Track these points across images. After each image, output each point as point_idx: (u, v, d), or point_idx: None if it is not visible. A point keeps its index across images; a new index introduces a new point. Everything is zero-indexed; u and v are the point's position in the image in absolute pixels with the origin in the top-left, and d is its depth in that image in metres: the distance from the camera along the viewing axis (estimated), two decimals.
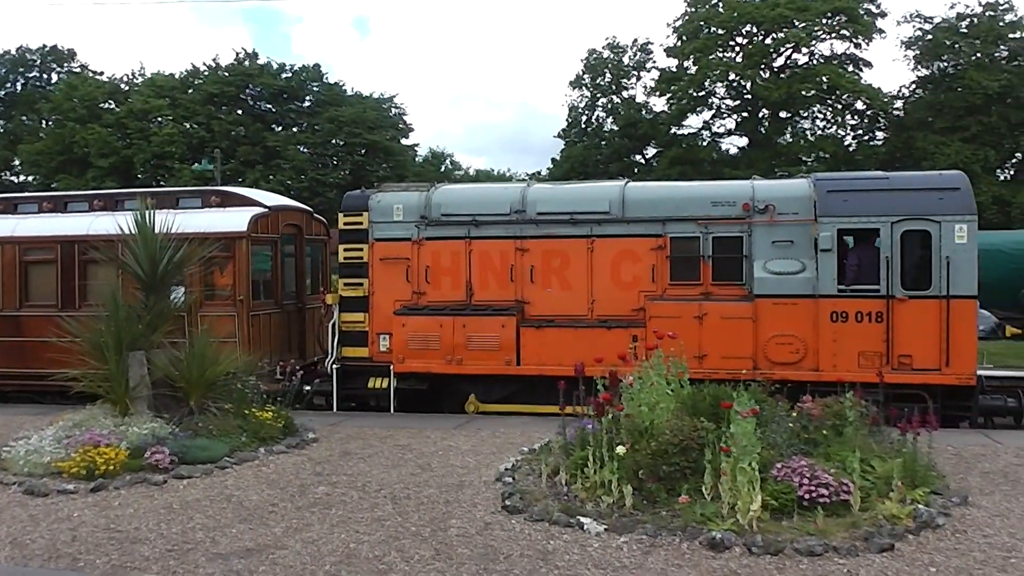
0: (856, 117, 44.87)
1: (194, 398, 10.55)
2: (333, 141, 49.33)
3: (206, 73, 50.89)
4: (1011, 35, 40.80)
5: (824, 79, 42.14)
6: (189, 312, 13.86)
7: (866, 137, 45.02)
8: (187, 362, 10.54)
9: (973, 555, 6.49)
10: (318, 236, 16.78)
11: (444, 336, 13.27)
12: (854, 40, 43.69)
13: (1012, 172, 43.14)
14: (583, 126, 49.67)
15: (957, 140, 39.16)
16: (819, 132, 45.35)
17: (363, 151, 49.69)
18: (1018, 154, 41.04)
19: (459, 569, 6.30)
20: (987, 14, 41.19)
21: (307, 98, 51.83)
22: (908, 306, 12.02)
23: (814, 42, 43.62)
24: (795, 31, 42.63)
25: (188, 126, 48.21)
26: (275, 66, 50.88)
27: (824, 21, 42.88)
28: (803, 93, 42.64)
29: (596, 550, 6.61)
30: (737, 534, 6.65)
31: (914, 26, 43.10)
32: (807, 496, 7.05)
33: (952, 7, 42.47)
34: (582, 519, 7.12)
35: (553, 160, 51.34)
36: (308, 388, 14.48)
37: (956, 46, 41.47)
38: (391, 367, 13.52)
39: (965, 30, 41.42)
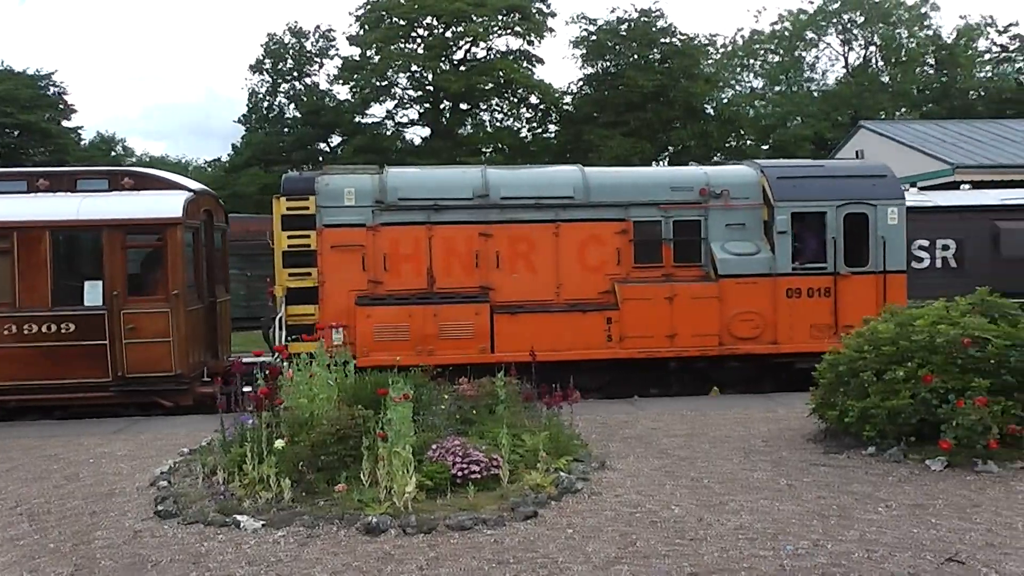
0: (531, 110, 47.40)
1: None
2: None
3: None
4: (663, 40, 44.96)
5: (501, 73, 44.09)
6: (111, 310, 12.23)
7: (540, 130, 47.69)
8: None
9: (605, 513, 7.13)
10: (221, 223, 14.98)
11: (414, 326, 12.79)
12: (527, 37, 46.05)
13: (667, 164, 47.62)
14: (264, 112, 48.36)
15: (619, 134, 42.51)
16: (497, 124, 47.42)
17: (16, 133, 44.98)
18: (671, 147, 45.28)
19: None
20: (642, 19, 45.04)
21: None
22: (851, 281, 13.50)
23: (491, 37, 45.51)
24: (473, 26, 44.19)
25: None
26: None
27: (500, 17, 44.84)
28: (481, 86, 44.36)
29: (251, 547, 6.49)
30: (393, 516, 6.82)
31: (580, 27, 46.29)
32: (460, 473, 7.39)
33: (613, 11, 46.11)
34: (239, 517, 6.96)
35: (234, 146, 49.53)
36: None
37: (617, 47, 45.03)
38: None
39: (624, 33, 45.04)
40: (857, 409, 8.90)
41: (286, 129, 47.66)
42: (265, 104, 48.37)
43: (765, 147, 50.28)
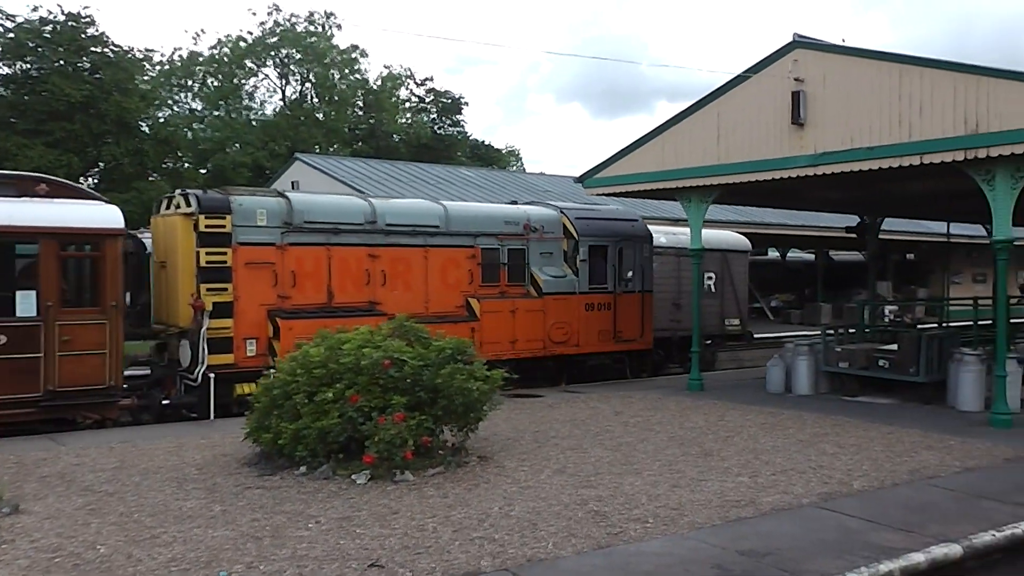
0: None
1: None
2: None
3: None
4: (93, 48, 42.04)
5: None
6: (45, 321, 11.92)
7: None
8: None
9: (19, 563, 6.43)
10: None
11: None
12: None
13: (96, 179, 44.52)
14: None
15: (40, 144, 38.67)
16: None
17: None
18: (101, 163, 42.38)
19: None
20: (70, 24, 41.66)
21: None
22: (623, 298, 18.16)
23: None
24: None
25: None
26: None
27: None
28: None
29: None
30: None
31: None
32: None
33: (35, 10, 41.92)
34: None
35: None
36: (166, 401, 13.56)
37: (40, 50, 40.97)
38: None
39: (49, 35, 41.21)
40: (290, 431, 9.24)
41: None
42: None
43: (204, 171, 49.79)
